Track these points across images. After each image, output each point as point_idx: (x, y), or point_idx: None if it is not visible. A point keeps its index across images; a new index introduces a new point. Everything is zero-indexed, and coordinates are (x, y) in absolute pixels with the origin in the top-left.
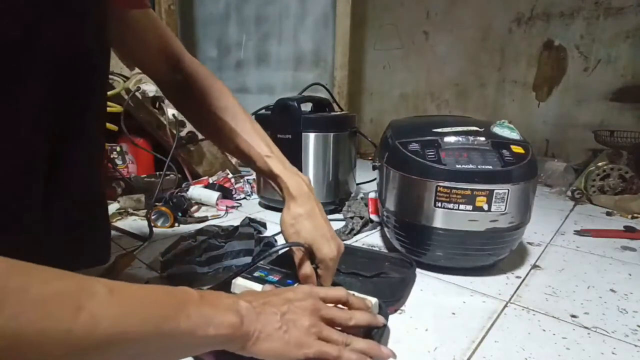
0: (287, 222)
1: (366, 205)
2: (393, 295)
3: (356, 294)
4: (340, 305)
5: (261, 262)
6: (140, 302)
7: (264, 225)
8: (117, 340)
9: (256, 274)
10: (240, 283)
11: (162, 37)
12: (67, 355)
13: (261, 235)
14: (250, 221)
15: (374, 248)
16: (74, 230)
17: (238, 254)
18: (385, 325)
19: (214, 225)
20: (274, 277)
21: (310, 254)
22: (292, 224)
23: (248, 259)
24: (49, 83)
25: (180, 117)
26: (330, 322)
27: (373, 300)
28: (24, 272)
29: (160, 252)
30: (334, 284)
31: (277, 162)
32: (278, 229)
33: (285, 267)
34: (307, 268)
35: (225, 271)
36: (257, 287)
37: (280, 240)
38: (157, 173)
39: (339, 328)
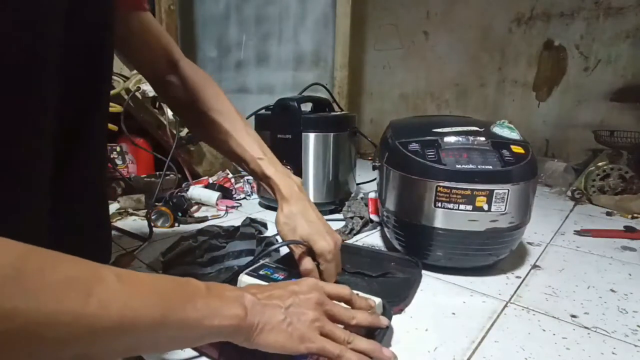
0: (282, 221)
1: (366, 205)
2: (398, 296)
3: (360, 293)
4: (343, 304)
5: (267, 260)
6: (148, 290)
7: (264, 225)
8: (125, 326)
9: (262, 272)
10: (246, 280)
11: (160, 39)
12: (77, 339)
13: (262, 235)
14: (251, 221)
15: (375, 248)
16: (76, 230)
17: (240, 254)
18: (388, 326)
19: (215, 226)
20: (280, 276)
21: (309, 250)
22: (286, 223)
23: (250, 259)
24: (59, 88)
25: None
26: (333, 318)
27: (377, 300)
28: (40, 256)
29: (161, 252)
30: (338, 283)
31: (269, 165)
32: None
33: (291, 267)
34: (307, 263)
35: (226, 271)
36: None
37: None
38: (157, 173)
39: (341, 326)
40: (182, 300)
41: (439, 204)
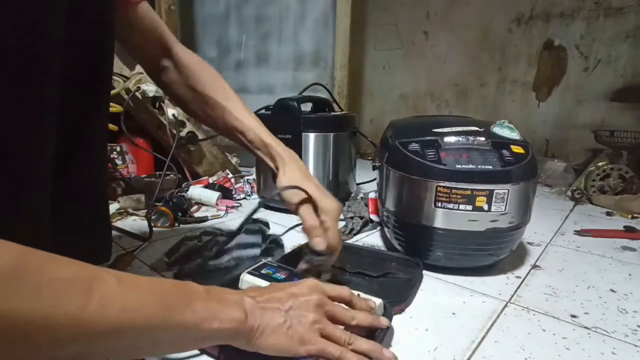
0: (285, 183)
1: (366, 205)
2: (399, 296)
3: (361, 294)
4: (343, 305)
5: (268, 259)
6: (147, 292)
7: (267, 224)
8: (124, 328)
9: (263, 271)
10: (248, 279)
11: (156, 27)
12: (75, 340)
13: (268, 233)
14: (253, 221)
15: (375, 248)
16: (76, 230)
17: (247, 246)
18: (388, 327)
19: (217, 228)
20: (281, 275)
21: (314, 207)
22: (290, 184)
23: (257, 251)
24: (59, 88)
25: (181, 117)
26: (333, 319)
27: (378, 301)
28: (38, 257)
29: (165, 253)
30: (339, 283)
31: (268, 134)
32: (280, 230)
33: (293, 266)
34: (312, 219)
35: (235, 261)
36: (265, 284)
37: (285, 238)
38: (157, 173)
39: (342, 327)
40: (181, 302)
41: (439, 204)
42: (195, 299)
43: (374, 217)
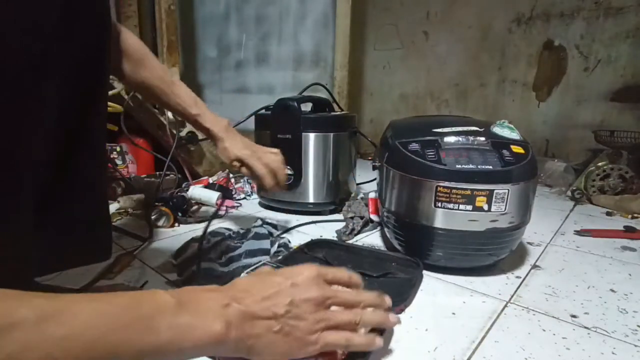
0: (231, 155)
1: (366, 205)
2: (399, 296)
3: None
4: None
5: (268, 259)
6: (90, 325)
7: (275, 226)
8: None
9: None
10: None
11: None
12: None
13: (276, 236)
14: (263, 223)
15: (375, 248)
16: (77, 230)
17: (255, 253)
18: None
19: (225, 228)
20: None
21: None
22: (225, 148)
23: (266, 258)
24: (59, 88)
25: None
26: (340, 305)
27: None
28: None
29: (172, 255)
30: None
31: (204, 116)
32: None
33: (294, 264)
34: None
35: (243, 270)
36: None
37: (292, 238)
38: (157, 173)
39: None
40: (138, 329)
41: (439, 204)
42: (161, 317)
43: (374, 217)
